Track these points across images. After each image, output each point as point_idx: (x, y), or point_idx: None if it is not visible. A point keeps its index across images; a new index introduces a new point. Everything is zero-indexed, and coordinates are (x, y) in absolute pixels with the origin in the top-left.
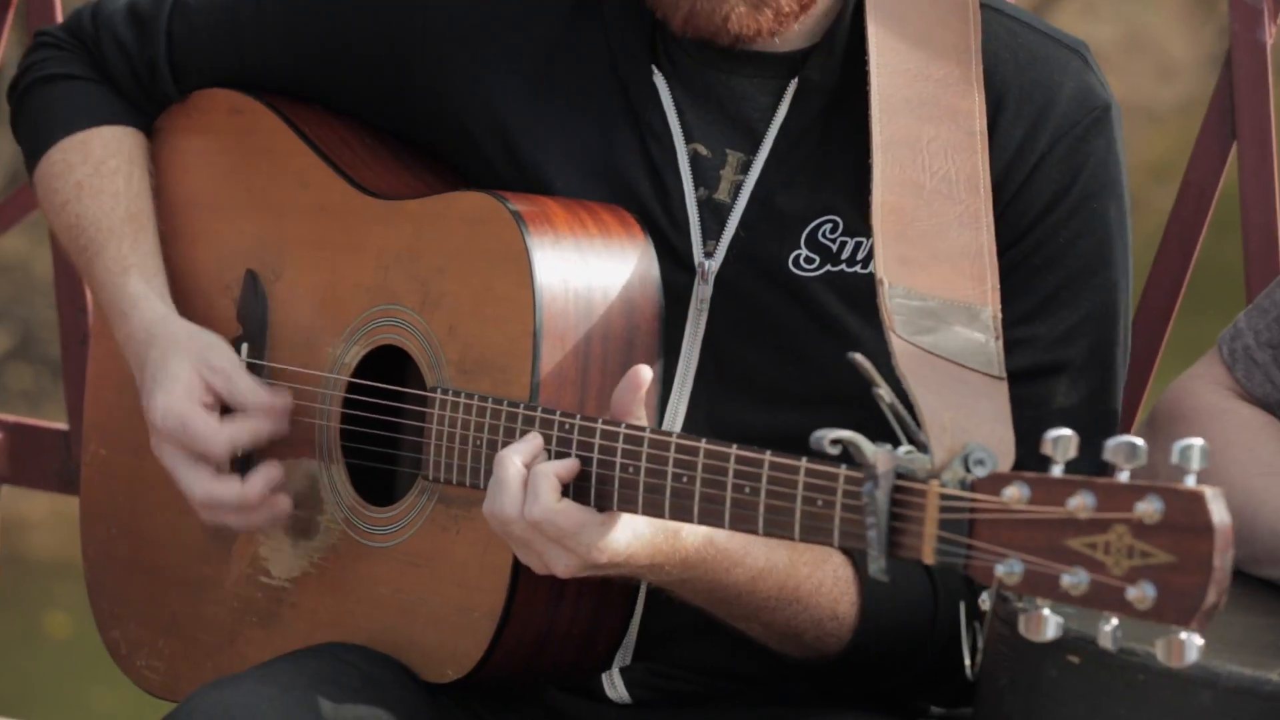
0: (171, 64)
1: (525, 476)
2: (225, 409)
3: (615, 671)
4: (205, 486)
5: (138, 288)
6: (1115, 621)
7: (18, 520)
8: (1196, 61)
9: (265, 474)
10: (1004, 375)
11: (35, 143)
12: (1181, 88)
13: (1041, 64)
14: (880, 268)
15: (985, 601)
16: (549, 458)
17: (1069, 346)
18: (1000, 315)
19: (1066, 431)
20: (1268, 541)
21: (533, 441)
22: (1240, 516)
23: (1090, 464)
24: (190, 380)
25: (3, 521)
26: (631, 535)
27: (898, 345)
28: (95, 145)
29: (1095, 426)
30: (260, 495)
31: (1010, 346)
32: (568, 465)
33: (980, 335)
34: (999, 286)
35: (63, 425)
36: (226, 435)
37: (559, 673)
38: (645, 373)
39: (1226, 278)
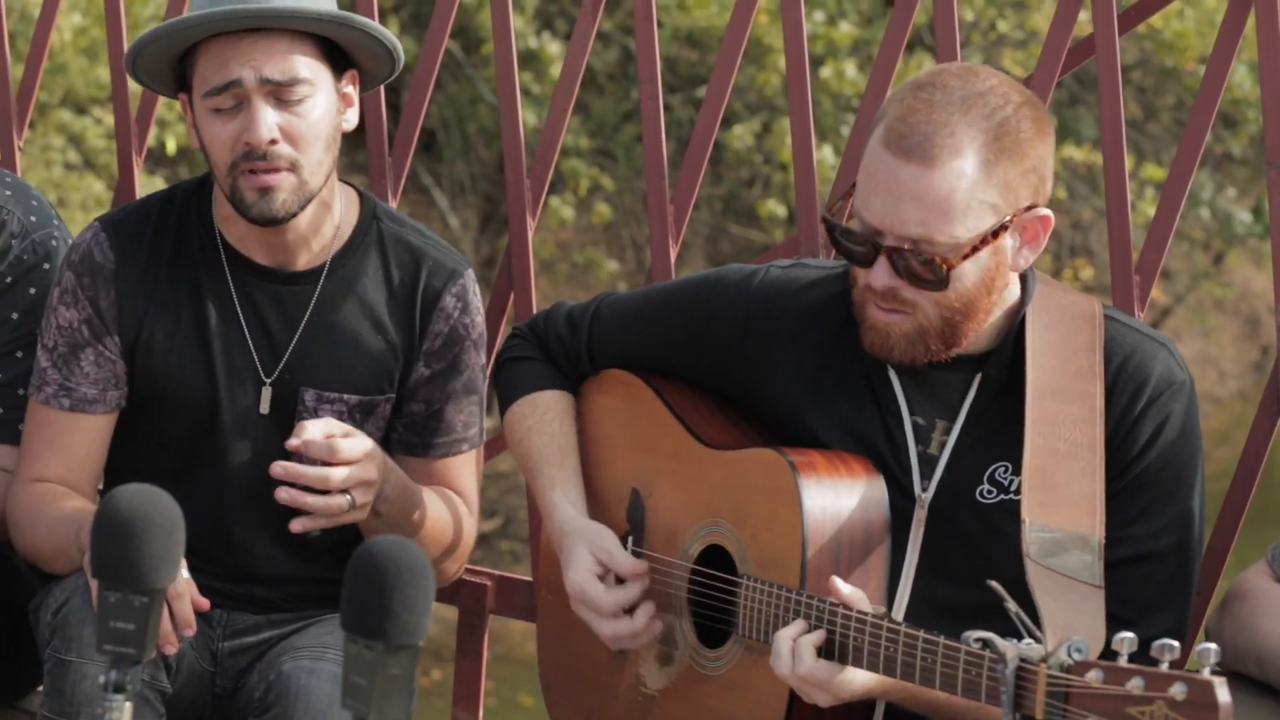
0: (590, 353)
1: (793, 648)
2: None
3: None
4: (608, 628)
5: (557, 498)
6: None
7: (506, 634)
8: (1242, 368)
9: (645, 611)
10: (1103, 585)
11: (506, 398)
12: (1233, 385)
13: (1139, 354)
14: (1025, 512)
15: None
16: (809, 630)
17: (1157, 541)
18: (1105, 542)
19: (1129, 635)
20: None
21: (798, 625)
22: None
23: (1170, 617)
24: (586, 559)
25: (494, 634)
26: (862, 678)
27: (1030, 567)
28: (540, 403)
29: (1178, 592)
30: (646, 625)
31: (1117, 542)
32: (819, 635)
33: (1089, 557)
34: (1105, 518)
35: (529, 578)
36: (612, 599)
37: None
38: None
39: (1273, 509)
